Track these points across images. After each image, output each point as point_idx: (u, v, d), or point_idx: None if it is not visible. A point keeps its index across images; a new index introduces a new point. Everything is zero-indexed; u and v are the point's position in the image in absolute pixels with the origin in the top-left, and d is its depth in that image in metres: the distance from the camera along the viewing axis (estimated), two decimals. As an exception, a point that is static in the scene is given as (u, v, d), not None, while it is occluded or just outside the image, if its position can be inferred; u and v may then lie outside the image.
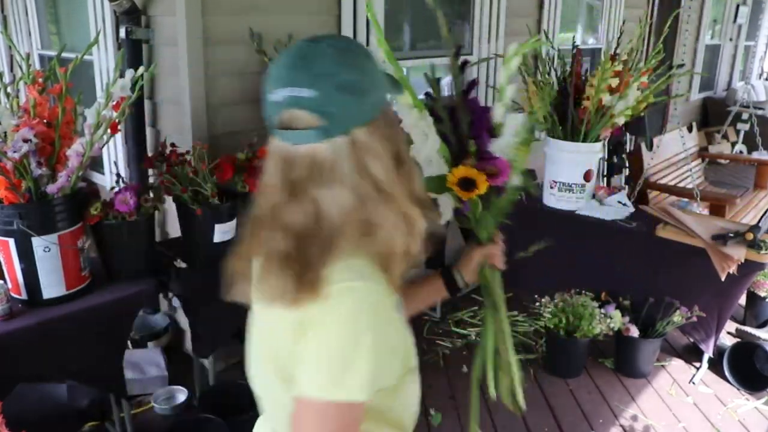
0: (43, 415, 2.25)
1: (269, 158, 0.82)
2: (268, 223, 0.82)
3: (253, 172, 2.20)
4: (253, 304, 0.93)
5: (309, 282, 0.76)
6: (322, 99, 0.76)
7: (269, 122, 0.81)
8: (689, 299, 2.67)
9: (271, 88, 0.79)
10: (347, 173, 0.77)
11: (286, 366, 0.81)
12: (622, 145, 4.05)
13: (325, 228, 0.78)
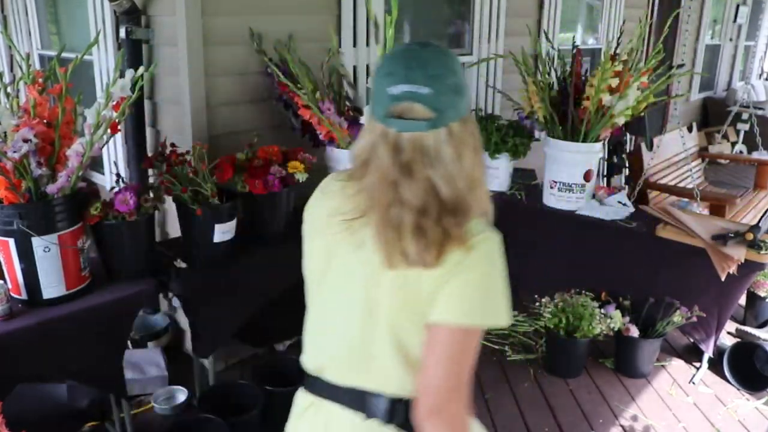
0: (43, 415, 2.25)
1: (373, 142, 0.97)
2: (389, 198, 0.94)
3: (253, 172, 2.20)
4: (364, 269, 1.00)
5: (459, 237, 0.93)
6: (435, 96, 0.92)
7: (379, 112, 0.96)
8: (689, 299, 2.67)
9: (389, 83, 0.94)
10: (447, 158, 0.93)
11: (424, 310, 0.96)
12: (622, 145, 4.06)
13: (443, 200, 0.94)
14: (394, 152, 0.94)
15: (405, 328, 0.99)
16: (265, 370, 2.39)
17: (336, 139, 2.41)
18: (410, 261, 0.94)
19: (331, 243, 1.04)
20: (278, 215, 2.30)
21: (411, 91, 0.93)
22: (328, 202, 1.08)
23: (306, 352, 1.13)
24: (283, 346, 2.90)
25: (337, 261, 1.04)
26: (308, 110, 2.35)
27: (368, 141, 0.99)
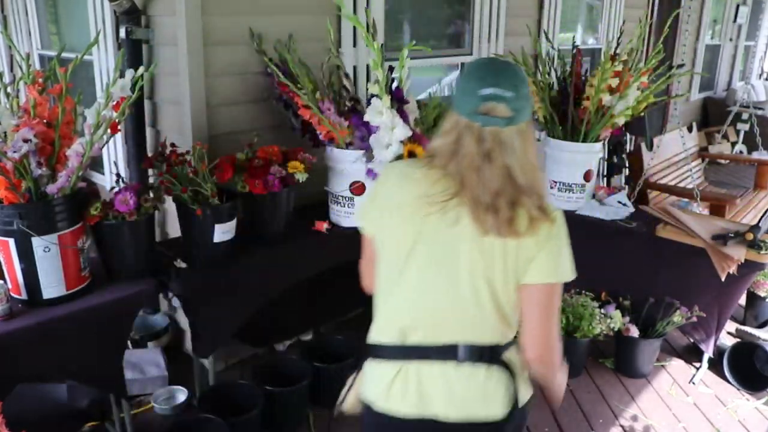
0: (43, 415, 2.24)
1: (459, 134, 1.17)
2: (475, 180, 1.15)
3: (253, 172, 2.20)
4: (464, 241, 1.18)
5: (544, 212, 1.17)
6: (515, 100, 1.15)
7: (466, 108, 1.16)
8: (689, 299, 2.67)
9: (481, 86, 1.15)
10: (518, 150, 1.15)
11: (519, 272, 1.19)
12: (622, 145, 4.06)
13: (519, 184, 1.15)
14: (478, 142, 1.15)
15: (501, 287, 1.20)
16: (265, 370, 2.40)
17: (336, 139, 2.41)
18: (500, 232, 1.15)
19: (422, 222, 1.19)
20: (278, 215, 2.30)
21: (498, 94, 1.14)
22: (414, 187, 1.22)
23: (386, 324, 1.28)
24: (283, 346, 2.90)
25: (430, 236, 1.20)
26: (308, 110, 2.35)
27: (454, 134, 1.19)
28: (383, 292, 1.29)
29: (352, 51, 2.86)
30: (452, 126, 1.19)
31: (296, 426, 2.38)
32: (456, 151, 1.18)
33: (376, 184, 1.32)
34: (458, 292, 1.20)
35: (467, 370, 1.24)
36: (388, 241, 1.26)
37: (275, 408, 2.28)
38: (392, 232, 1.24)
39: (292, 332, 2.92)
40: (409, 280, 1.23)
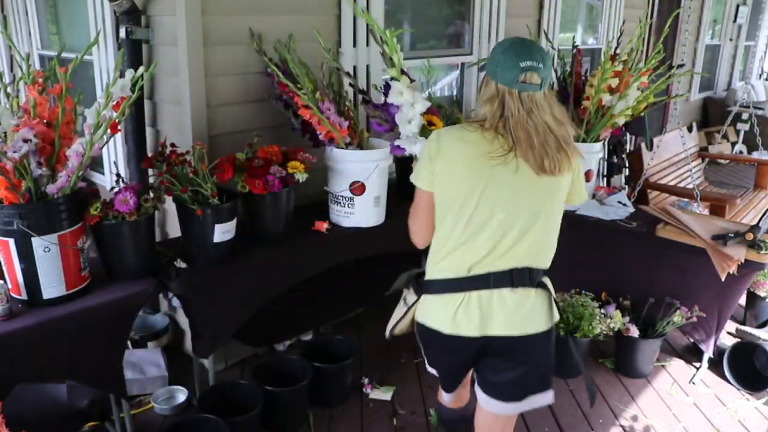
0: (42, 416, 2.25)
1: (503, 100, 1.48)
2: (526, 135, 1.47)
3: (253, 172, 2.20)
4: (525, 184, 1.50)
5: (574, 153, 1.54)
6: (544, 70, 1.48)
7: (508, 78, 1.46)
8: (689, 299, 2.67)
9: (520, 59, 1.45)
10: (547, 108, 1.49)
11: (563, 200, 1.60)
12: (622, 145, 4.06)
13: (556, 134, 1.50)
14: (521, 105, 1.47)
15: (553, 217, 1.57)
16: (265, 370, 2.40)
17: (336, 139, 2.41)
18: (549, 171, 1.47)
19: (490, 172, 1.48)
20: (278, 215, 2.30)
21: (533, 65, 1.46)
22: (474, 146, 1.49)
23: (450, 261, 1.55)
24: (283, 346, 2.90)
25: (497, 183, 1.48)
26: (308, 110, 2.35)
27: (497, 101, 1.49)
28: (446, 235, 1.55)
29: (352, 51, 2.86)
30: (494, 94, 1.50)
31: (296, 426, 2.38)
32: (502, 113, 1.48)
33: (431, 149, 1.54)
34: (520, 226, 1.51)
35: (520, 293, 1.54)
36: (455, 192, 1.51)
37: (275, 408, 2.28)
38: (460, 184, 1.50)
39: (292, 332, 2.92)
40: (478, 221, 1.50)
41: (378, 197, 2.52)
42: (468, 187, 1.49)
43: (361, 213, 2.49)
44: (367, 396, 2.59)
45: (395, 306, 1.80)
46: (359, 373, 2.69)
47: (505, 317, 1.53)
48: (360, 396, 2.59)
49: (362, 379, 2.65)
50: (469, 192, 1.49)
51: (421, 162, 1.57)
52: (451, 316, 1.54)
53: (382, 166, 2.47)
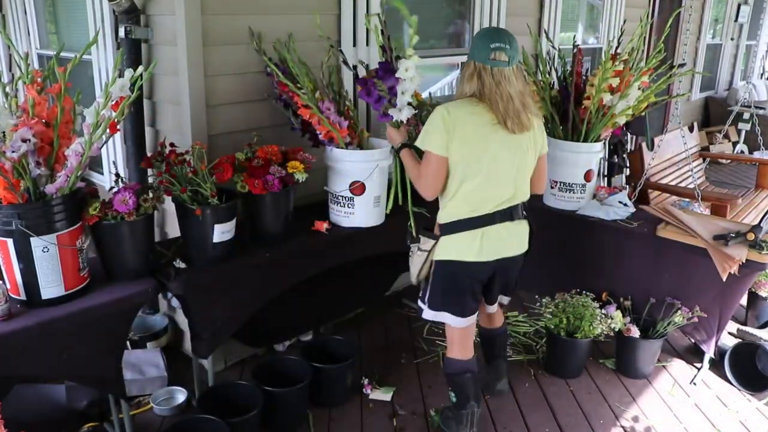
0: (41, 416, 2.24)
1: (480, 77, 1.93)
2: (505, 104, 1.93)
3: (252, 172, 2.19)
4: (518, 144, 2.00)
5: (538, 115, 2.07)
6: (512, 51, 1.92)
7: (483, 57, 1.92)
8: (690, 299, 2.66)
9: (491, 41, 1.91)
10: (515, 81, 1.94)
11: (539, 148, 2.08)
12: (622, 145, 4.05)
13: (524, 102, 1.97)
14: (492, 77, 1.92)
15: (533, 162, 2.07)
16: (264, 371, 2.39)
17: (336, 138, 2.41)
18: (517, 130, 1.95)
19: (492, 135, 1.94)
20: (278, 215, 2.29)
21: (501, 46, 1.90)
22: (480, 116, 1.94)
23: (464, 205, 2.00)
24: (283, 347, 2.90)
25: (499, 145, 1.95)
26: (308, 110, 2.34)
27: (475, 76, 1.93)
28: (461, 187, 1.98)
29: (352, 50, 2.85)
30: (473, 71, 1.94)
31: (296, 426, 2.37)
32: (481, 88, 1.93)
33: (446, 121, 1.92)
34: (515, 173, 2.01)
35: (516, 223, 2.07)
36: (471, 153, 1.95)
37: (275, 408, 2.28)
38: (474, 146, 1.94)
39: (291, 332, 2.91)
40: (486, 173, 1.96)
41: (378, 197, 2.52)
42: (480, 148, 1.95)
43: (361, 213, 2.49)
44: (367, 396, 2.58)
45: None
46: (359, 373, 2.68)
47: (510, 243, 2.08)
48: (360, 396, 2.58)
49: (362, 380, 2.64)
50: (480, 152, 1.95)
51: (434, 133, 1.95)
52: (475, 246, 2.02)
53: (382, 166, 2.47)
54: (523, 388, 2.67)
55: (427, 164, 1.99)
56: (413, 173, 2.09)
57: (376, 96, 2.17)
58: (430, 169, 1.99)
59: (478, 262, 2.03)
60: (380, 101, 2.16)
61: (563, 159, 2.92)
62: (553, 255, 3.03)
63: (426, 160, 1.99)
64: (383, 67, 2.16)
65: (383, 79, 2.14)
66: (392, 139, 2.23)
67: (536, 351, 2.93)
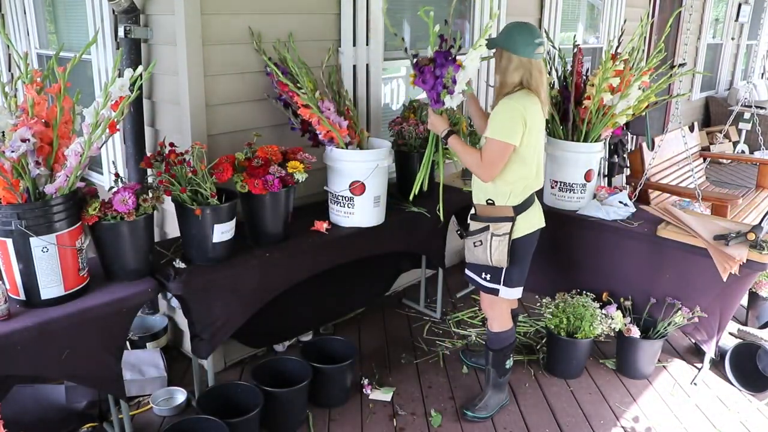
0: (41, 416, 2.24)
1: (525, 69, 2.14)
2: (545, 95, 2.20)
3: (252, 171, 2.19)
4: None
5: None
6: (543, 44, 2.16)
7: (530, 52, 2.12)
8: (691, 300, 2.66)
9: (535, 37, 2.12)
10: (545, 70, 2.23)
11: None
12: (623, 145, 4.04)
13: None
14: (539, 70, 2.14)
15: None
16: (264, 371, 2.39)
17: (335, 138, 2.40)
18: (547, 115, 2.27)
19: (543, 125, 2.23)
20: (278, 215, 2.29)
21: (541, 41, 2.14)
22: (538, 107, 2.16)
23: (524, 185, 2.22)
24: (283, 347, 2.89)
25: (540, 129, 2.21)
26: (308, 110, 2.34)
27: (521, 70, 2.14)
28: (520, 171, 2.18)
29: (352, 50, 2.85)
30: (518, 65, 2.13)
31: (296, 427, 2.37)
32: (529, 79, 2.14)
33: (524, 115, 2.10)
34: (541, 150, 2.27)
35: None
36: (536, 141, 2.18)
37: (275, 409, 2.28)
38: (537, 135, 2.18)
39: (291, 333, 2.91)
40: (538, 155, 2.23)
41: (378, 197, 2.51)
42: (540, 135, 2.21)
43: (361, 213, 2.48)
44: (367, 396, 2.58)
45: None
46: (359, 373, 2.68)
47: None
48: (360, 397, 2.58)
49: (362, 380, 2.64)
50: (540, 139, 2.21)
51: (516, 125, 2.10)
52: (538, 215, 2.31)
53: (382, 166, 2.47)
54: (523, 389, 2.67)
55: (499, 152, 2.13)
56: (471, 159, 2.20)
57: (432, 83, 2.23)
58: (500, 156, 2.13)
59: (541, 228, 2.32)
60: (435, 88, 2.23)
61: (563, 159, 2.92)
62: (554, 255, 3.03)
63: (497, 148, 2.12)
64: (443, 55, 2.23)
65: (442, 67, 2.22)
66: (436, 127, 2.30)
67: (536, 351, 2.93)
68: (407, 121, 2.81)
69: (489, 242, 2.23)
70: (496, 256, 2.23)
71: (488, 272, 2.31)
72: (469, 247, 2.29)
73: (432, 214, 2.70)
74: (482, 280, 2.34)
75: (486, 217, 2.25)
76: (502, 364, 2.43)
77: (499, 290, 2.32)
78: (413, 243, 2.82)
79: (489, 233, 2.23)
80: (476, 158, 2.18)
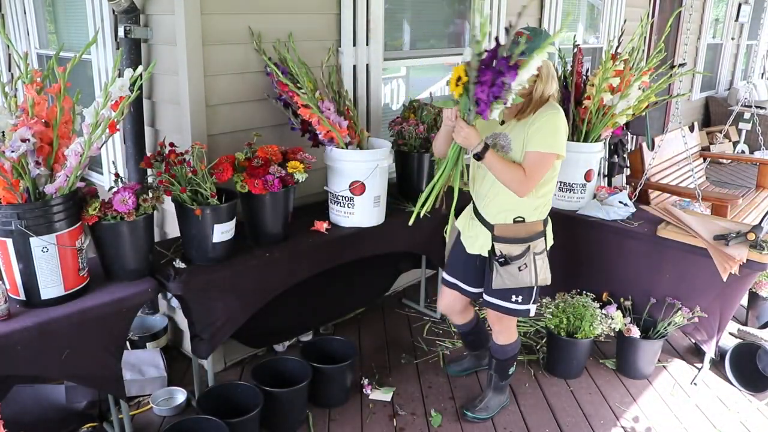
0: (41, 416, 2.24)
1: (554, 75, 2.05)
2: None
3: (252, 171, 2.19)
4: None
5: None
6: None
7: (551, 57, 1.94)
8: (691, 300, 2.66)
9: (551, 42, 1.80)
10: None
11: None
12: (623, 145, 4.04)
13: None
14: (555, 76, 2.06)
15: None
16: (264, 371, 2.39)
17: (335, 138, 2.40)
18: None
19: None
20: (278, 215, 2.29)
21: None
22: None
23: (548, 204, 2.18)
24: (283, 347, 2.89)
25: None
26: (308, 110, 2.34)
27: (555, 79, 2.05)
28: (552, 181, 2.13)
29: (352, 50, 2.85)
30: (554, 73, 2.03)
31: (296, 427, 2.37)
32: (556, 88, 2.07)
33: (565, 123, 2.05)
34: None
35: None
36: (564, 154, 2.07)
37: (275, 409, 2.28)
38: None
39: (291, 333, 2.91)
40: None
41: (378, 197, 2.51)
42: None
43: (361, 213, 2.48)
44: (367, 396, 2.58)
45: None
46: (359, 373, 2.68)
47: None
48: (360, 397, 2.58)
49: (362, 380, 2.64)
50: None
51: (563, 136, 2.03)
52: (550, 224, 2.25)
53: (382, 166, 2.47)
54: (523, 389, 2.67)
55: (542, 166, 2.00)
56: (513, 175, 1.99)
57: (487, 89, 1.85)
58: (543, 171, 2.02)
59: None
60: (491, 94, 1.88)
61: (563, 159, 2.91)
62: (554, 255, 3.01)
63: (548, 161, 2.01)
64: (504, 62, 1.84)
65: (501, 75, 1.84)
66: (470, 140, 1.95)
67: (536, 351, 2.93)
68: (407, 121, 2.81)
69: (533, 262, 2.11)
70: (542, 275, 2.14)
71: (520, 294, 2.18)
72: (511, 274, 2.12)
73: (432, 214, 2.70)
74: (512, 303, 2.20)
75: (522, 238, 2.12)
76: (506, 371, 2.41)
77: (530, 310, 2.22)
78: (413, 243, 2.82)
79: (531, 253, 2.11)
80: (519, 174, 1.99)
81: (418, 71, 3.56)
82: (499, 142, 2.08)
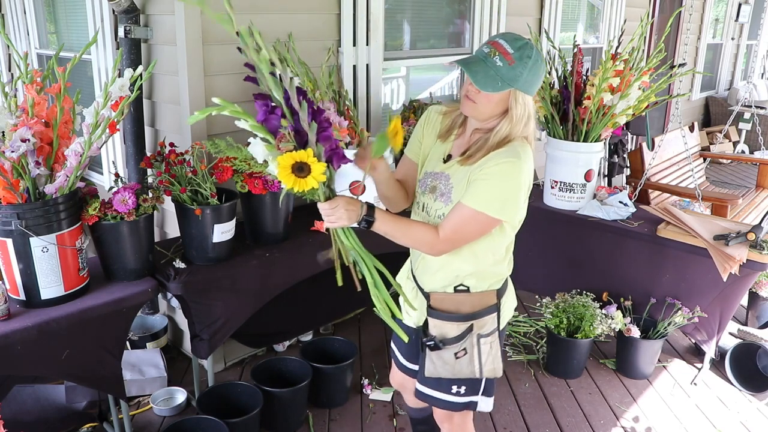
0: (40, 417, 2.24)
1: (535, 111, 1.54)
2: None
3: (252, 172, 2.19)
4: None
5: None
6: None
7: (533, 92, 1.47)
8: (691, 300, 2.66)
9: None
10: None
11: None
12: (623, 145, 4.05)
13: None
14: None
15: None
16: (264, 371, 2.39)
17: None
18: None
19: None
20: (278, 215, 2.29)
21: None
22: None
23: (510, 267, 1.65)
24: (283, 347, 2.89)
25: None
26: (308, 110, 2.34)
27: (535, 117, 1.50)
28: (509, 235, 1.56)
29: (352, 50, 2.85)
30: (532, 111, 1.46)
31: (296, 427, 2.37)
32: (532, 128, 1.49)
33: (530, 181, 1.49)
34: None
35: None
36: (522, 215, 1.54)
37: (274, 409, 2.28)
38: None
39: (291, 333, 2.91)
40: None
41: (378, 197, 2.51)
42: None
43: (361, 213, 2.48)
44: (367, 397, 2.58)
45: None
46: (359, 373, 2.68)
47: None
48: (360, 397, 2.58)
49: (362, 380, 2.64)
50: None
51: (515, 196, 1.45)
52: (514, 292, 1.71)
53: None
54: (523, 389, 2.67)
55: (475, 231, 1.47)
56: (422, 236, 1.49)
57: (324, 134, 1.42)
58: (474, 236, 1.49)
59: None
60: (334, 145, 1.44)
61: (563, 159, 2.92)
62: (553, 255, 3.03)
63: (477, 226, 1.46)
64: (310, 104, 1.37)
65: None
66: (349, 216, 1.48)
67: (536, 351, 2.93)
68: (407, 121, 2.81)
69: (476, 348, 1.56)
70: (489, 365, 1.58)
71: (462, 384, 1.63)
72: (445, 361, 1.58)
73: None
74: (452, 395, 1.64)
75: (464, 314, 1.56)
76: None
77: (477, 403, 1.67)
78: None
79: (473, 336, 1.56)
80: (429, 235, 1.47)
81: (418, 71, 3.56)
82: (439, 187, 1.54)
